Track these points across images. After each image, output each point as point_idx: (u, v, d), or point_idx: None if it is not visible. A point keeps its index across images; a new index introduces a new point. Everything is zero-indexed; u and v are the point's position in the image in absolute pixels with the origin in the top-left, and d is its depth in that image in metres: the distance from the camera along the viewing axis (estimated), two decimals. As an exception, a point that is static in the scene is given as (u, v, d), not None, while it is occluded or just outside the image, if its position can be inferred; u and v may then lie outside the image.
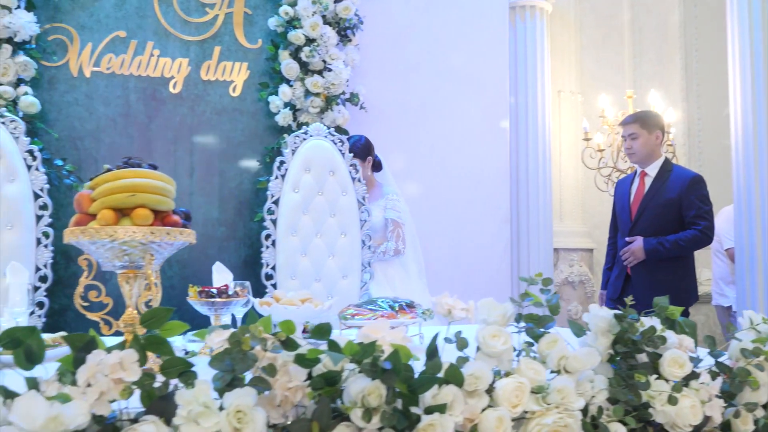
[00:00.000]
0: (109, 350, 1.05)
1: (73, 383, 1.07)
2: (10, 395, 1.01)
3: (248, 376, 1.08)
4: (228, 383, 1.09)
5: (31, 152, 2.74)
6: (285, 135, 3.47)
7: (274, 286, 2.99)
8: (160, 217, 1.51)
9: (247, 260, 3.38)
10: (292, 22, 3.51)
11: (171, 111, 3.44)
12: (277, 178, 3.03)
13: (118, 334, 1.51)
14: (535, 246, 4.88)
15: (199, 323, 1.51)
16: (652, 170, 3.38)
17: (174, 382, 1.05)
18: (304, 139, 3.09)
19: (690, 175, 3.38)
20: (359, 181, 3.14)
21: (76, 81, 3.30)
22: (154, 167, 1.58)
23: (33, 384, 1.03)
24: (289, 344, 1.12)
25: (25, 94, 3.07)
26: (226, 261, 2.50)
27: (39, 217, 2.74)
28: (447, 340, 1.27)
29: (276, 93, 3.51)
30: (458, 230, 3.98)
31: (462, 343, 1.30)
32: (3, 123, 2.69)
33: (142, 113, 3.40)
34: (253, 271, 3.18)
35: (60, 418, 0.95)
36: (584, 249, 5.90)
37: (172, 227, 1.51)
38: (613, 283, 3.46)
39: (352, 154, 3.16)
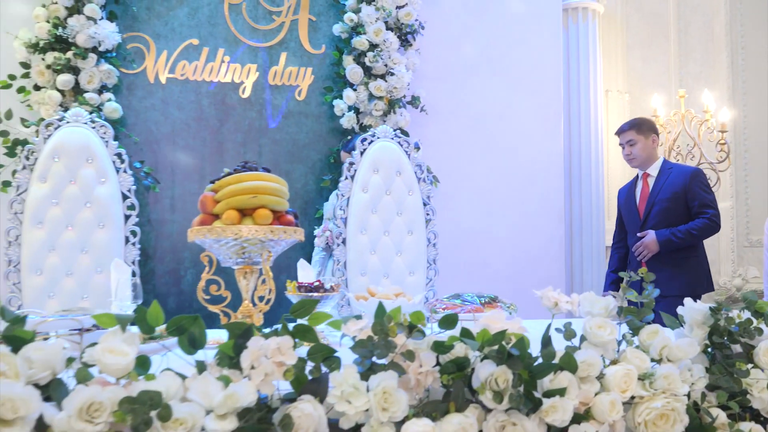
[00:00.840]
0: (266, 336, 1.18)
1: (232, 366, 1.20)
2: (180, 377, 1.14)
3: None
4: (368, 368, 1.21)
5: (119, 155, 2.90)
6: (349, 137, 3.60)
7: (345, 282, 3.11)
8: (276, 217, 1.64)
9: (311, 258, 3.51)
10: (357, 29, 3.63)
11: (240, 115, 3.59)
12: (346, 178, 3.14)
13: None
14: (588, 243, 4.93)
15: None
16: (654, 170, 3.49)
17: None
18: (372, 141, 3.20)
19: (690, 169, 3.46)
20: (424, 181, 3.24)
21: (152, 87, 3.47)
22: (267, 170, 1.71)
23: (202, 367, 1.16)
24: (420, 332, 1.23)
25: (109, 100, 3.24)
26: (294, 258, 2.62)
27: (127, 217, 2.90)
28: (557, 330, 1.37)
29: (340, 97, 3.64)
30: (515, 228, 4.06)
31: (570, 334, 1.40)
32: (94, 128, 2.85)
33: (213, 117, 3.56)
34: (321, 268, 3.31)
35: (235, 396, 1.08)
36: (632, 247, 5.91)
37: (288, 226, 1.64)
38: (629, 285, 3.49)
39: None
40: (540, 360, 1.28)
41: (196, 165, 3.51)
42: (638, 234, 3.42)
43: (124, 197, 2.90)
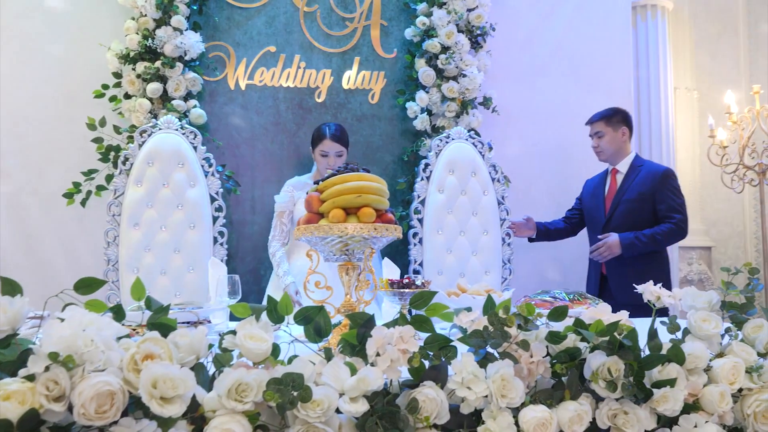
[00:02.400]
0: (388, 326, 1.25)
1: (355, 354, 1.28)
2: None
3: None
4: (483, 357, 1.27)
5: (207, 159, 3.05)
6: (422, 138, 3.67)
7: (422, 281, 3.18)
8: (378, 215, 1.72)
9: (389, 257, 3.59)
10: (428, 32, 3.70)
11: (316, 119, 3.70)
12: (422, 179, 3.21)
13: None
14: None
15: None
16: (623, 167, 3.34)
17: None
18: (447, 143, 3.27)
19: (661, 169, 3.33)
20: (498, 181, 3.28)
21: (233, 93, 3.62)
22: (367, 171, 1.79)
23: (329, 354, 1.24)
24: (530, 324, 1.29)
25: (194, 106, 3.40)
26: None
27: (215, 218, 3.04)
28: (661, 323, 1.40)
29: (413, 99, 3.71)
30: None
31: (674, 327, 1.43)
32: (184, 134, 3.00)
33: (290, 121, 3.68)
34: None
35: (366, 380, 1.15)
36: (703, 247, 5.79)
37: (389, 224, 1.71)
38: (590, 284, 3.40)
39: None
40: (647, 352, 1.32)
41: (275, 168, 3.64)
42: (599, 237, 3.26)
43: (212, 199, 3.05)
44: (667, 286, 3.28)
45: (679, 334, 1.42)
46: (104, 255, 2.96)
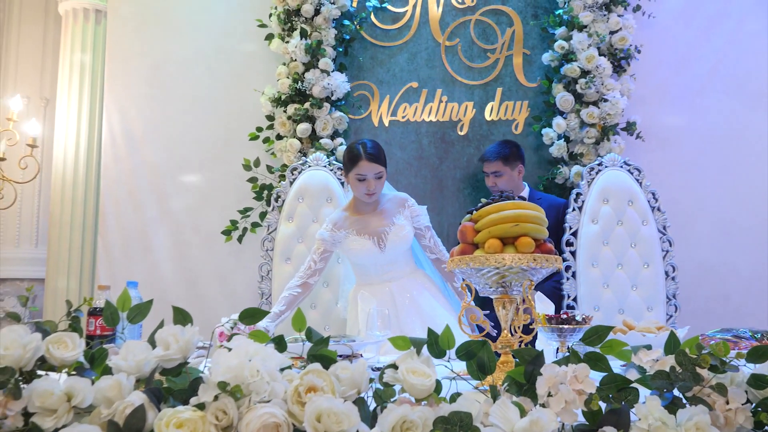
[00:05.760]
0: (559, 364, 1.15)
1: (522, 393, 1.18)
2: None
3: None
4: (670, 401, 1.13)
5: (354, 195, 3.12)
6: (558, 166, 3.52)
7: (575, 317, 2.99)
8: (537, 245, 1.62)
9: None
10: (567, 56, 3.57)
11: (459, 152, 3.66)
12: (574, 210, 3.06)
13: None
14: None
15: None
16: None
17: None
18: (600, 171, 3.09)
19: (561, 201, 3.26)
20: (659, 209, 3.05)
21: (377, 130, 3.68)
22: (523, 199, 1.70)
23: (496, 393, 1.16)
24: (726, 365, 1.13)
25: (341, 144, 3.49)
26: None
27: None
28: None
29: (549, 125, 3.58)
30: (759, 261, 3.65)
31: None
32: (332, 170, 3.10)
33: (433, 155, 3.67)
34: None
35: (539, 422, 1.06)
36: None
37: (548, 254, 1.61)
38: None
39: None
40: None
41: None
42: None
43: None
44: None
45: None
46: (258, 289, 3.07)
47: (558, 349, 2.01)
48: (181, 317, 1.29)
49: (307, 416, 1.03)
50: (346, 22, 3.64)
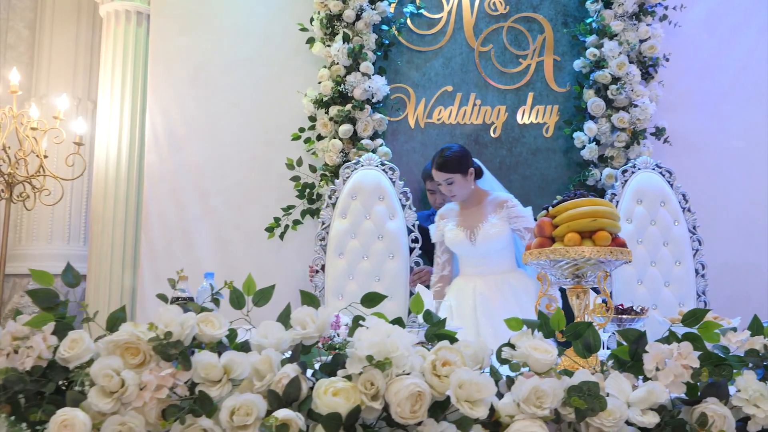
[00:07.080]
0: (666, 341, 1.29)
1: (626, 369, 1.32)
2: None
3: None
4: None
5: (405, 193, 3.27)
6: (589, 168, 3.66)
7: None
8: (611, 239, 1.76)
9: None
10: (599, 63, 3.71)
11: (492, 154, 3.80)
12: (608, 210, 3.19)
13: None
14: None
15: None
16: None
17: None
18: (633, 173, 3.24)
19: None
20: (689, 210, 3.20)
21: (413, 132, 3.81)
22: (596, 196, 1.84)
23: (603, 368, 1.29)
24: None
25: (381, 145, 3.62)
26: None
27: (411, 249, 3.23)
28: None
29: (581, 129, 3.72)
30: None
31: None
32: (383, 170, 3.24)
33: (467, 157, 3.80)
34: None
35: (654, 393, 1.20)
36: None
37: (622, 248, 1.74)
38: None
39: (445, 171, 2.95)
40: None
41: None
42: None
43: (409, 231, 3.24)
44: None
45: None
46: (311, 282, 3.21)
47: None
48: (309, 300, 1.42)
49: (452, 385, 1.16)
50: (384, 27, 3.78)
